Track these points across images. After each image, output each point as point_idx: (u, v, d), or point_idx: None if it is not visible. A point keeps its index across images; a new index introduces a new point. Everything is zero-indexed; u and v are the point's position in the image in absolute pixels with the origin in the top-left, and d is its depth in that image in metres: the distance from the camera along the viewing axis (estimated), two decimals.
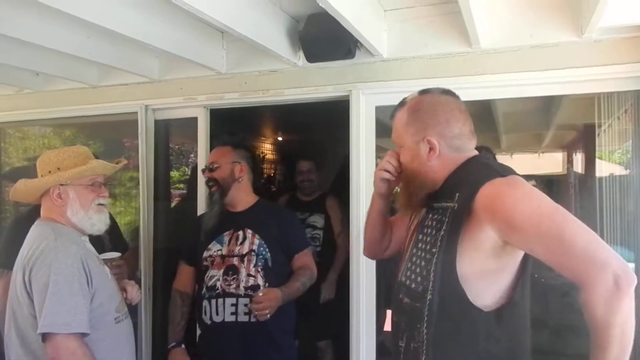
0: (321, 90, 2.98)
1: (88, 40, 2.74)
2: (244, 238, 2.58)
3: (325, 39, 2.66)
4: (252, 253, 2.54)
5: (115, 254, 2.31)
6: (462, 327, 1.44)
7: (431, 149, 1.55)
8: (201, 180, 3.25)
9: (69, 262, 1.84)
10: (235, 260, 2.54)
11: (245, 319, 2.47)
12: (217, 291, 2.52)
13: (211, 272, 2.56)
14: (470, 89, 2.68)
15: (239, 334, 2.47)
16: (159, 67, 3.33)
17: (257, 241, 2.56)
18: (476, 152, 1.61)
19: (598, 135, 2.84)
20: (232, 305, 2.48)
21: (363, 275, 2.87)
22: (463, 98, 2.63)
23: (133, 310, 2.33)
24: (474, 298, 1.42)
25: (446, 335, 1.45)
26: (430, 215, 1.56)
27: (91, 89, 3.56)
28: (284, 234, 2.62)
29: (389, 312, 3.75)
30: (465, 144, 1.58)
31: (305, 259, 2.67)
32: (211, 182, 2.62)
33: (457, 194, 1.47)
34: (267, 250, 2.55)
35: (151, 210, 3.41)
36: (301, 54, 2.88)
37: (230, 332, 2.48)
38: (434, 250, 1.48)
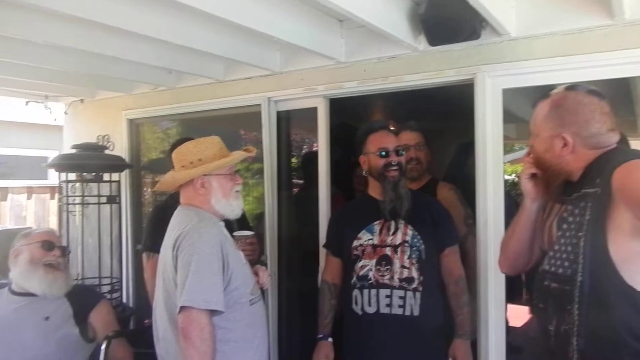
0: (443, 74, 2.87)
1: (215, 36, 2.87)
2: (396, 228, 2.50)
3: (448, 20, 2.55)
4: (406, 244, 2.46)
5: (249, 232, 2.49)
6: (616, 307, 1.46)
7: (565, 145, 1.62)
8: (323, 169, 3.31)
9: (210, 243, 1.99)
10: (388, 251, 2.48)
11: (399, 311, 2.41)
12: (370, 281, 2.47)
13: (362, 262, 2.51)
14: (611, 67, 2.46)
15: (394, 326, 2.42)
16: (280, 59, 3.40)
17: (410, 232, 2.48)
18: (615, 145, 1.63)
19: None
20: (387, 296, 2.43)
21: (492, 270, 2.70)
22: (602, 77, 2.47)
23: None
24: (628, 280, 1.45)
25: (599, 315, 1.48)
26: (570, 206, 1.61)
27: (218, 84, 3.73)
28: (437, 227, 2.53)
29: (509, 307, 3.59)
30: (602, 142, 1.62)
31: (452, 259, 2.57)
32: (397, 166, 2.51)
33: (597, 180, 1.52)
34: (422, 242, 2.48)
35: (275, 198, 3.51)
36: (422, 37, 2.79)
37: (385, 324, 2.43)
38: (580, 234, 1.52)
